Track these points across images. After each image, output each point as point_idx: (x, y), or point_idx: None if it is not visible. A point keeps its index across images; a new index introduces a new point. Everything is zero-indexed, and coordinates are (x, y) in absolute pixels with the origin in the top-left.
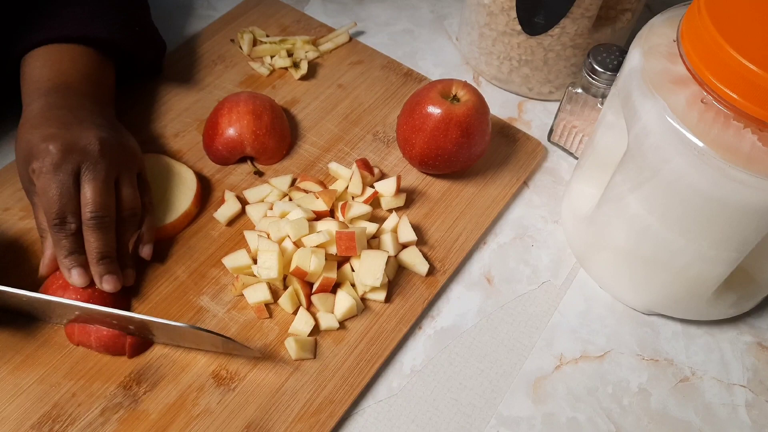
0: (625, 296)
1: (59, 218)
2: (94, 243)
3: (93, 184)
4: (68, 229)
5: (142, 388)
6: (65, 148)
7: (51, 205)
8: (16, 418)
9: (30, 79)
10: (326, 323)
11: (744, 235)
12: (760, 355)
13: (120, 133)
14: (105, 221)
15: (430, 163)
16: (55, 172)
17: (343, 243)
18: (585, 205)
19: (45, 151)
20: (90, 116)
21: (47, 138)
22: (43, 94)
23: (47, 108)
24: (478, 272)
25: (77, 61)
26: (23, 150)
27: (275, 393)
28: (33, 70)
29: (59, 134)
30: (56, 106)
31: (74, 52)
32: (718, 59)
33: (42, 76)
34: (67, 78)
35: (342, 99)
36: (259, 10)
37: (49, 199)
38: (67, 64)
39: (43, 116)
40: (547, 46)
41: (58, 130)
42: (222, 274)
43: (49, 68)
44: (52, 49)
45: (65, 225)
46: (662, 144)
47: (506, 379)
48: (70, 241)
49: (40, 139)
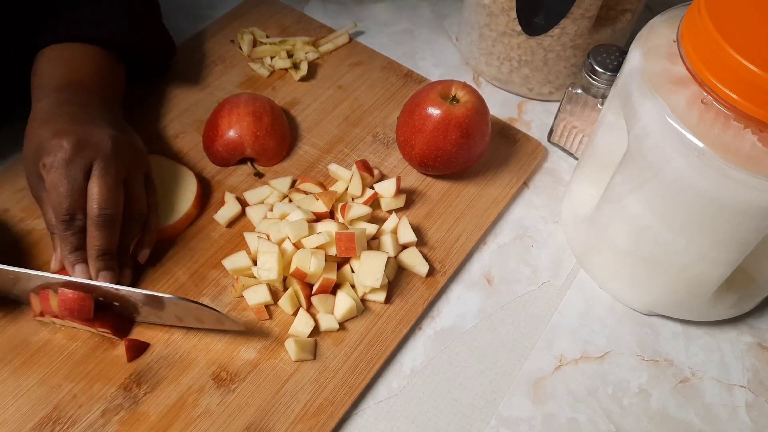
0: (625, 297)
1: (69, 214)
2: (96, 239)
3: (103, 181)
4: (77, 225)
5: (142, 389)
6: (77, 143)
7: (61, 201)
8: (17, 419)
9: (41, 76)
10: (326, 324)
11: (744, 236)
12: (760, 356)
13: (129, 133)
14: (112, 219)
15: (429, 164)
16: (67, 167)
17: (343, 244)
18: (585, 206)
19: (57, 146)
20: (100, 114)
21: (59, 133)
22: (53, 91)
23: (58, 104)
24: (478, 273)
25: (88, 61)
26: (33, 145)
27: (275, 394)
28: (44, 68)
29: (71, 130)
30: (67, 103)
31: (86, 52)
32: (718, 60)
33: (53, 74)
34: (78, 76)
35: (342, 100)
36: (259, 11)
37: (59, 195)
38: (78, 63)
39: (54, 112)
40: (547, 46)
41: (69, 125)
42: (222, 275)
43: (60, 66)
44: (64, 48)
45: (74, 221)
46: (662, 144)
47: (506, 379)
48: (77, 238)
49: (51, 135)
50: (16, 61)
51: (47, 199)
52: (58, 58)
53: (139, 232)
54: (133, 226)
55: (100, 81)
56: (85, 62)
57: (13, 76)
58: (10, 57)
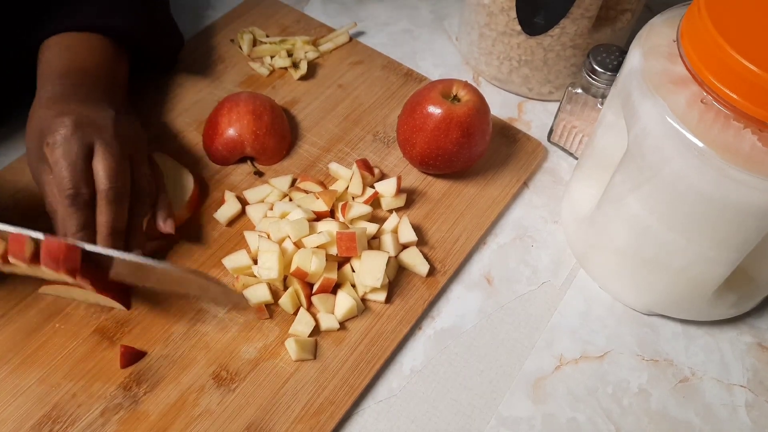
0: (625, 296)
1: (74, 188)
2: (106, 216)
3: (109, 156)
4: (81, 201)
5: (142, 388)
6: (81, 121)
7: (65, 176)
8: (17, 419)
9: (46, 65)
10: (326, 324)
11: (744, 236)
12: (760, 356)
13: (131, 116)
14: (121, 193)
15: (430, 163)
16: (70, 143)
17: (344, 243)
18: (585, 206)
19: (60, 124)
20: (104, 98)
21: (62, 112)
22: (57, 78)
23: (62, 89)
24: (478, 273)
25: (93, 50)
26: (36, 127)
27: (275, 394)
28: (50, 57)
29: (75, 109)
30: (70, 87)
31: (91, 42)
32: (718, 59)
33: (57, 62)
34: (83, 64)
35: (342, 99)
36: (259, 11)
37: (62, 170)
38: (83, 52)
39: (57, 97)
40: (546, 46)
41: (73, 106)
42: (222, 274)
43: (65, 55)
44: (69, 38)
45: (78, 196)
46: (662, 144)
47: (506, 379)
48: (83, 215)
49: (54, 115)
50: (19, 55)
51: (50, 181)
52: (63, 47)
53: (149, 211)
54: (142, 205)
55: (103, 71)
56: (89, 52)
57: (13, 74)
58: (12, 52)
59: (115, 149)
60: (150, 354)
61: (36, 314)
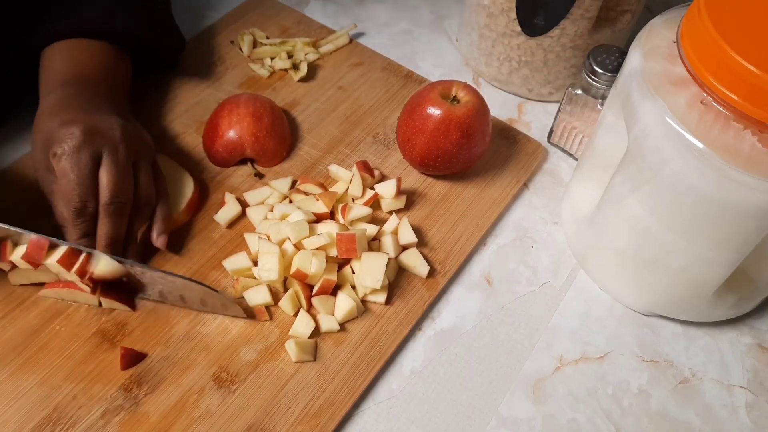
0: (625, 297)
1: (81, 201)
2: (107, 227)
3: (113, 168)
4: (88, 213)
5: (142, 390)
6: (87, 131)
7: (72, 188)
8: (17, 420)
9: (49, 71)
10: (327, 325)
11: (744, 236)
12: (760, 357)
13: (135, 123)
14: (123, 207)
15: (430, 164)
16: (77, 155)
17: (344, 245)
18: (585, 207)
19: (66, 134)
20: (107, 105)
21: (68, 122)
22: (60, 85)
23: (65, 97)
24: (478, 274)
25: (95, 55)
26: (42, 137)
27: (276, 395)
28: (52, 63)
29: (80, 118)
30: (74, 95)
31: (93, 47)
32: (718, 60)
33: (60, 68)
34: (85, 70)
35: (342, 101)
36: (260, 12)
37: (70, 182)
38: (85, 58)
39: (62, 105)
40: (546, 47)
41: (78, 115)
42: (222, 276)
43: (67, 61)
44: (72, 44)
45: (86, 209)
46: (662, 145)
47: (506, 380)
48: (87, 225)
49: (60, 124)
50: (19, 55)
51: (58, 191)
52: (65, 53)
53: (147, 219)
54: (141, 213)
55: (106, 75)
56: (91, 57)
57: (14, 74)
58: (13, 52)
59: (120, 159)
60: (150, 356)
61: (37, 316)
